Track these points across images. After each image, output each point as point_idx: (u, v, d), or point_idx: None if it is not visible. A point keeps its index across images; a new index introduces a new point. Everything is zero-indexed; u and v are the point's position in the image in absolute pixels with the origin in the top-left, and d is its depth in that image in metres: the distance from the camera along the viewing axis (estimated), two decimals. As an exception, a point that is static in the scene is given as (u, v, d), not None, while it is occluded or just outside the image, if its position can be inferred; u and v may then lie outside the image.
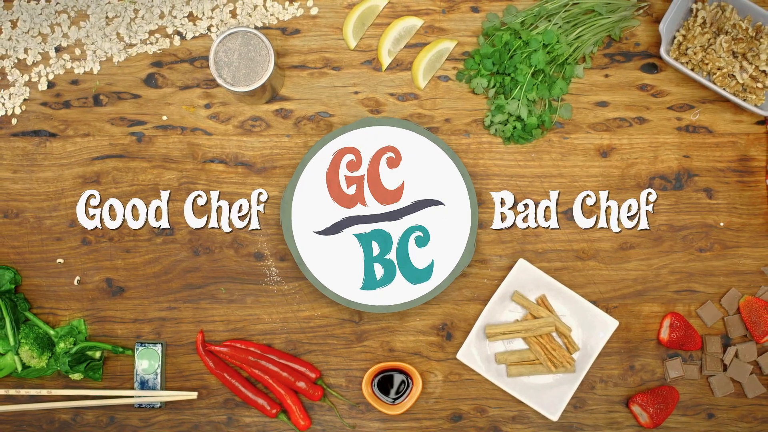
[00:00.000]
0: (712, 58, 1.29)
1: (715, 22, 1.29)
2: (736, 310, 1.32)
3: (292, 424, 1.32)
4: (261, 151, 1.35)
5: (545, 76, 1.32)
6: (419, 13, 1.36)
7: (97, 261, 1.34)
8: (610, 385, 1.33)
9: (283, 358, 1.32)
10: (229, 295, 1.34)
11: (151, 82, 1.35)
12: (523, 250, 1.34)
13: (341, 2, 1.36)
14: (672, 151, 1.34)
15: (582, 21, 1.32)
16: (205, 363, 1.32)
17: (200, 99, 1.35)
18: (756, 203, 1.34)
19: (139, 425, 1.33)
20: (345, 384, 1.34)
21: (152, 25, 1.35)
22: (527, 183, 1.34)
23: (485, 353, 1.31)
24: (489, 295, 1.33)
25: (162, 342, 1.32)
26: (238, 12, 1.35)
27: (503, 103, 1.31)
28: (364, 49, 1.35)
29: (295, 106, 1.35)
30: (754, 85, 1.29)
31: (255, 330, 1.34)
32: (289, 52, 1.35)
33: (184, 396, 1.31)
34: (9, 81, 1.35)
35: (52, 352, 1.31)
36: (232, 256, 1.34)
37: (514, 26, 1.31)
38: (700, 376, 1.32)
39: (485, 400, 1.33)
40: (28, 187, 1.34)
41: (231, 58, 1.24)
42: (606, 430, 1.33)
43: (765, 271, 1.33)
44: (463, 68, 1.35)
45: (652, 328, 1.33)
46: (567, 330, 1.30)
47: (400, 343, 1.34)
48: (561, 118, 1.34)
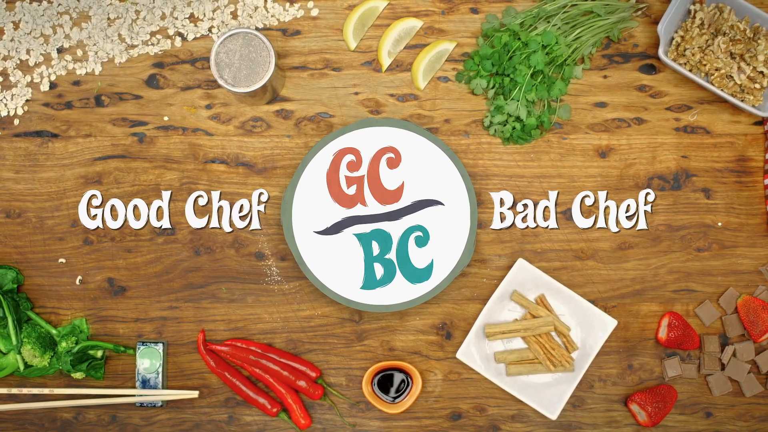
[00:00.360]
0: (710, 59, 1.29)
1: (713, 24, 1.30)
2: (734, 309, 1.33)
3: (292, 422, 1.32)
4: (262, 151, 1.35)
5: (544, 76, 1.32)
6: (419, 14, 1.36)
7: (99, 261, 1.34)
8: (608, 384, 1.33)
9: (283, 357, 1.32)
10: (230, 294, 1.34)
11: (153, 82, 1.35)
12: (522, 250, 1.34)
13: (341, 3, 1.36)
14: (670, 152, 1.34)
15: (581, 22, 1.32)
16: (206, 362, 1.32)
17: (201, 100, 1.35)
18: (753, 203, 1.34)
19: (140, 424, 1.33)
20: (345, 383, 1.34)
21: (154, 26, 1.36)
22: (526, 183, 1.35)
23: (485, 352, 1.32)
24: (488, 295, 1.33)
25: (163, 341, 1.33)
26: (239, 13, 1.36)
27: (502, 104, 1.32)
28: (364, 50, 1.36)
29: (295, 107, 1.35)
30: (752, 85, 1.30)
31: (256, 329, 1.34)
32: (290, 53, 1.36)
33: (185, 395, 1.31)
34: (11, 82, 1.35)
35: (54, 352, 1.31)
36: (233, 256, 1.35)
37: (513, 27, 1.31)
38: (698, 375, 1.33)
39: (485, 399, 1.33)
40: (30, 188, 1.35)
41: (232, 59, 1.24)
42: (605, 428, 1.33)
43: (762, 271, 1.33)
44: (463, 69, 1.35)
45: (650, 328, 1.33)
46: (566, 329, 1.30)
47: (400, 342, 1.34)
48: (560, 119, 1.35)
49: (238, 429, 1.33)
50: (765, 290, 1.33)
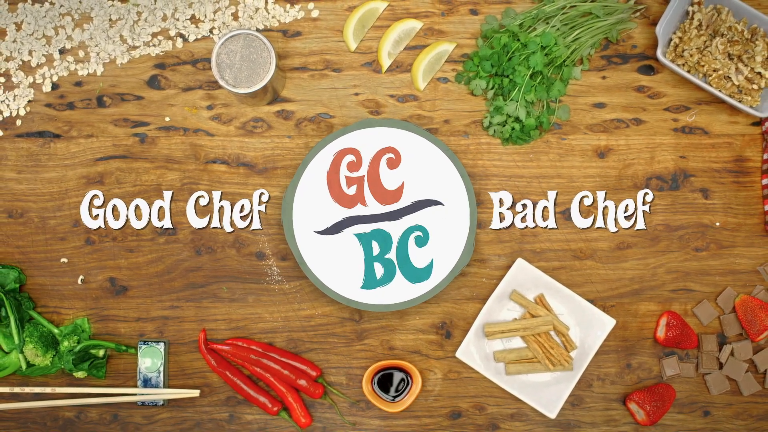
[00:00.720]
0: (708, 60, 1.30)
1: (711, 25, 1.30)
2: (731, 308, 1.33)
3: (293, 421, 1.32)
4: (262, 151, 1.35)
5: (543, 77, 1.32)
6: (419, 15, 1.36)
7: (101, 260, 1.35)
8: (607, 383, 1.34)
9: (284, 357, 1.32)
10: (230, 294, 1.34)
11: (154, 83, 1.36)
12: (521, 250, 1.34)
13: (342, 5, 1.36)
14: (668, 152, 1.35)
15: (579, 23, 1.32)
16: (207, 361, 1.32)
17: (202, 100, 1.35)
18: (751, 203, 1.35)
19: (142, 422, 1.34)
20: (345, 382, 1.34)
21: (155, 27, 1.36)
22: (525, 183, 1.35)
23: (484, 351, 1.32)
24: (488, 294, 1.33)
25: (165, 340, 1.33)
26: (240, 14, 1.36)
27: (502, 105, 1.32)
28: (364, 51, 1.36)
29: (296, 108, 1.36)
30: (750, 86, 1.30)
31: (256, 328, 1.34)
32: (290, 54, 1.36)
33: (186, 394, 1.31)
34: (13, 83, 1.35)
35: (56, 351, 1.32)
36: (234, 256, 1.35)
37: (512, 29, 1.31)
38: (696, 374, 1.33)
39: (484, 398, 1.34)
40: (32, 188, 1.35)
41: (233, 60, 1.24)
42: (603, 427, 1.33)
43: (760, 271, 1.33)
44: (462, 70, 1.35)
45: (648, 327, 1.33)
46: (565, 328, 1.31)
47: (399, 341, 1.34)
48: (559, 120, 1.35)
49: (239, 428, 1.34)
50: (763, 290, 1.33)
